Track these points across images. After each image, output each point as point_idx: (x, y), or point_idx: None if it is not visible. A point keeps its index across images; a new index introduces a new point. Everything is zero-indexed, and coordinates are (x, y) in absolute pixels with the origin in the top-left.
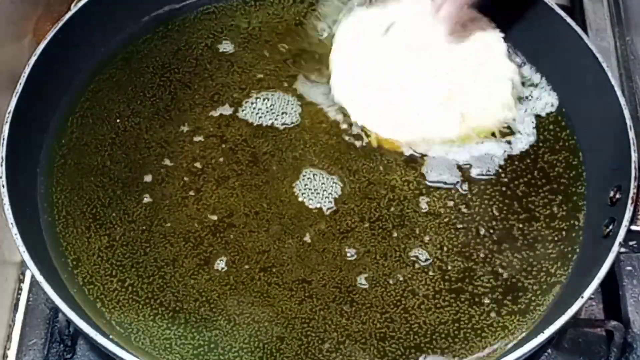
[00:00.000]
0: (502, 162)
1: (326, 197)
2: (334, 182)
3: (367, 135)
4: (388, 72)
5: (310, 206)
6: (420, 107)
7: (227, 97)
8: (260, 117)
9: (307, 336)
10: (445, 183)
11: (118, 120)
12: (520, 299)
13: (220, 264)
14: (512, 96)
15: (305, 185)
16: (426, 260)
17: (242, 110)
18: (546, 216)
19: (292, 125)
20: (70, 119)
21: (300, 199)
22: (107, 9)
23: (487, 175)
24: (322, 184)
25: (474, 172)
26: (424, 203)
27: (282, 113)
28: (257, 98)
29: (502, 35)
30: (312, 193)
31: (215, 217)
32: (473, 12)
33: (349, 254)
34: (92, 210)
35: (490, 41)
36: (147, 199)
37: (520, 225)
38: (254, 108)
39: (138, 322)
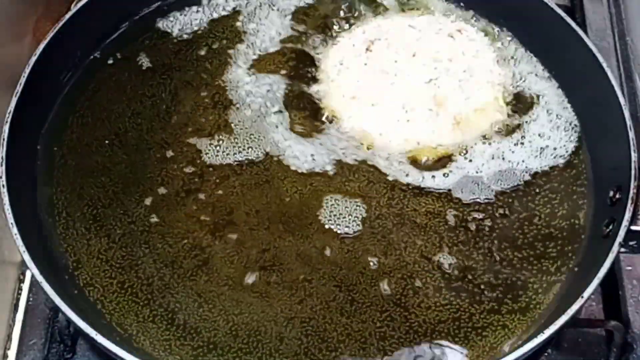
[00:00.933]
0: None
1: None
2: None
3: (361, 143)
4: (378, 82)
5: (310, 204)
6: (413, 113)
7: (228, 97)
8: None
9: (307, 336)
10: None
11: (118, 121)
12: (520, 298)
13: (219, 264)
14: (504, 100)
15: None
16: (426, 259)
17: (243, 110)
18: (546, 215)
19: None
20: (70, 119)
21: (299, 197)
22: (107, 9)
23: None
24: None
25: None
26: (423, 203)
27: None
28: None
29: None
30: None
31: (214, 217)
32: (461, 24)
33: (349, 254)
34: (92, 211)
35: (479, 48)
36: (147, 199)
37: (520, 224)
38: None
39: (138, 323)
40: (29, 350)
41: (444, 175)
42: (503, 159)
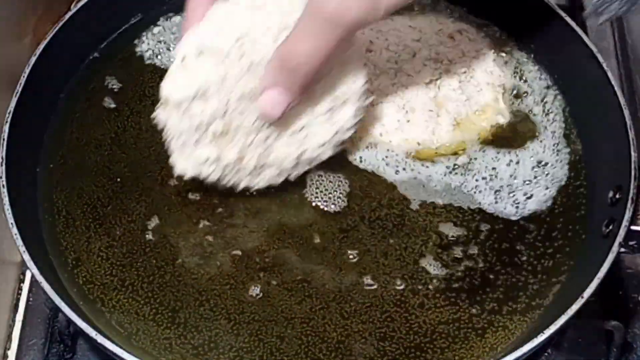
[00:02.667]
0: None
1: (329, 197)
2: (339, 182)
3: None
4: (379, 82)
5: (312, 205)
6: (413, 114)
7: None
8: None
9: (307, 335)
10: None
11: (118, 120)
12: (520, 299)
13: (220, 263)
14: (504, 102)
15: (309, 185)
16: (426, 259)
17: None
18: (546, 215)
19: None
20: (70, 119)
21: (300, 197)
22: (107, 8)
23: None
24: (329, 183)
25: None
26: (423, 202)
27: None
28: None
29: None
30: (315, 193)
31: (215, 216)
32: (461, 24)
33: (348, 254)
34: (92, 210)
35: (479, 49)
36: (147, 199)
37: (521, 225)
38: None
39: (138, 321)
40: (29, 350)
41: (447, 173)
42: (505, 159)
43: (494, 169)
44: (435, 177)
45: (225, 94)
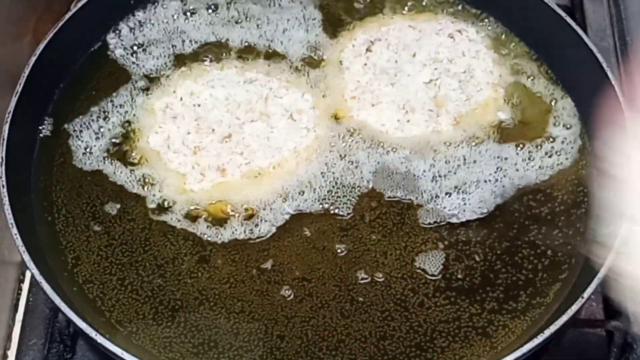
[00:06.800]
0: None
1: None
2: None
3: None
4: (378, 82)
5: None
6: (413, 114)
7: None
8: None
9: (307, 334)
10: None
11: (117, 118)
12: (520, 298)
13: (219, 263)
14: (504, 102)
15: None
16: (426, 258)
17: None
18: (547, 214)
19: None
20: (70, 118)
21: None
22: (107, 8)
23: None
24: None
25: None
26: (423, 201)
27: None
28: None
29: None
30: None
31: (215, 215)
32: (461, 24)
33: (349, 254)
34: (92, 209)
35: (479, 49)
36: (146, 197)
37: (521, 224)
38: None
39: (138, 320)
40: (29, 350)
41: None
42: (505, 159)
43: (494, 165)
44: (433, 172)
45: None
